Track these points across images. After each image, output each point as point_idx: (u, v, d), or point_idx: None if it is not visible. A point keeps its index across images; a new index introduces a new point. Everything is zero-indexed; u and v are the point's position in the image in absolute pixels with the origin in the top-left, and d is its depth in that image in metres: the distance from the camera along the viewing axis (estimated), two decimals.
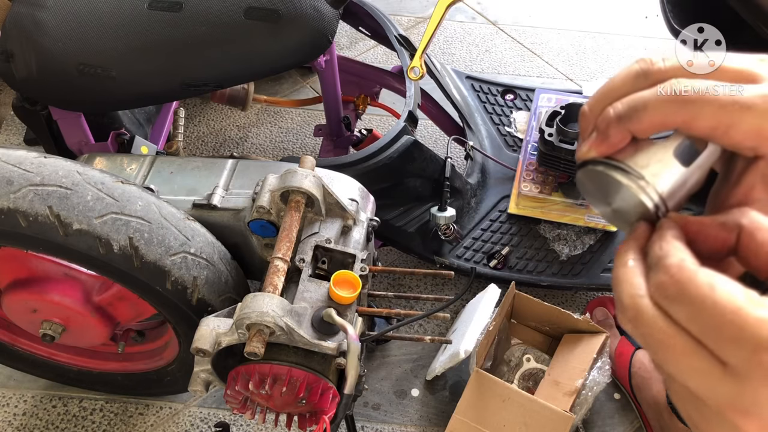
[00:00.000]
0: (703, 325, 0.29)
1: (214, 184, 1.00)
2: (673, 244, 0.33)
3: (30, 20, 1.05)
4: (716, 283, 0.29)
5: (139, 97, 1.12)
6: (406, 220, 1.29)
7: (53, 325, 1.03)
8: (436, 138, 1.74)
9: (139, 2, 1.06)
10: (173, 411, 1.31)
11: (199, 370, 0.87)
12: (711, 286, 0.29)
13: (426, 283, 1.50)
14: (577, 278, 1.33)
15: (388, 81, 1.55)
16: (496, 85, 1.59)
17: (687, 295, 0.30)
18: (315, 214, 0.93)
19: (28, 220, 0.82)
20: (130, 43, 1.05)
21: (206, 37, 1.05)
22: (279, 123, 1.79)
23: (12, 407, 1.31)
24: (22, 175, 0.84)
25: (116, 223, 0.85)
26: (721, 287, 0.29)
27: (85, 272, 1.00)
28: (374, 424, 1.30)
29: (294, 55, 1.12)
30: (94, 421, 1.29)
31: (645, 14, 2.12)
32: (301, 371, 0.82)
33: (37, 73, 1.04)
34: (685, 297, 0.30)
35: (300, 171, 0.90)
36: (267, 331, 0.78)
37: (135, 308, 1.03)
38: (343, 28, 1.72)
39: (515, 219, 1.39)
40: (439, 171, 1.30)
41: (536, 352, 1.29)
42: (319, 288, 0.85)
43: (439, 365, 1.28)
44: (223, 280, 0.94)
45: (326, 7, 1.11)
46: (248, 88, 1.54)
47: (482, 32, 2.05)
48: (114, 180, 0.89)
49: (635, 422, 1.30)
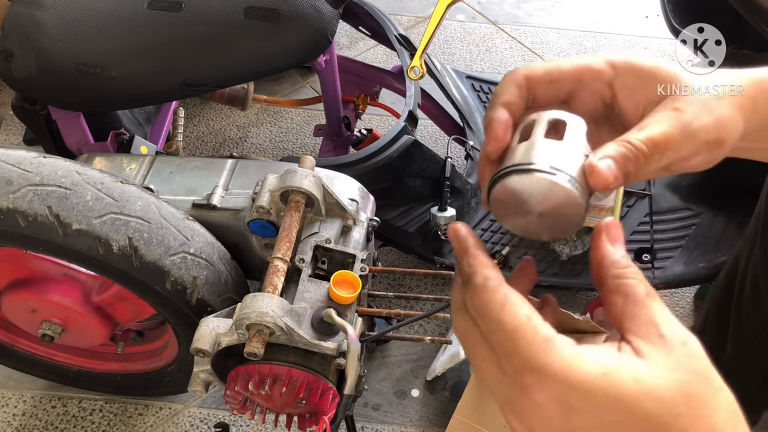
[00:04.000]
0: (493, 340, 0.35)
1: (214, 184, 1.00)
2: (478, 259, 0.38)
3: (29, 20, 1.04)
4: (507, 303, 0.35)
5: (139, 96, 1.12)
6: (406, 220, 1.29)
7: (52, 325, 1.03)
8: (436, 138, 1.74)
9: (139, 2, 1.06)
10: (173, 411, 1.31)
11: (198, 370, 0.87)
12: (502, 305, 0.35)
13: (426, 283, 1.50)
14: (577, 278, 1.33)
15: (388, 81, 1.55)
16: (496, 84, 1.58)
17: (485, 313, 0.35)
18: (315, 214, 0.93)
19: (28, 220, 0.82)
20: (129, 42, 1.05)
21: (206, 36, 1.05)
22: (279, 123, 1.79)
23: (11, 407, 1.30)
24: (21, 175, 0.84)
25: (116, 223, 0.85)
26: (510, 308, 0.34)
27: (84, 272, 1.00)
28: (374, 424, 1.30)
29: (294, 54, 1.12)
30: (93, 422, 1.29)
31: (645, 14, 2.12)
32: (300, 371, 0.82)
33: (37, 72, 1.03)
34: (484, 314, 0.35)
35: (300, 171, 0.89)
36: (267, 331, 0.78)
37: (134, 308, 1.03)
38: (343, 27, 1.72)
39: None
40: (439, 171, 1.30)
41: None
42: (319, 288, 0.85)
43: (439, 365, 1.28)
44: (223, 280, 0.94)
45: (326, 7, 1.11)
46: (248, 88, 1.54)
47: (482, 32, 2.04)
48: (113, 180, 0.88)
49: None
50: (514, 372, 0.33)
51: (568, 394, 0.32)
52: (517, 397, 0.34)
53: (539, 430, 0.33)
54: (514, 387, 0.34)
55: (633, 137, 0.38)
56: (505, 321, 0.34)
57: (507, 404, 0.35)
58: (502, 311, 0.34)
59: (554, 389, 0.32)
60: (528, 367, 0.33)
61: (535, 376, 0.33)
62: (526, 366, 0.33)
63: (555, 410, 0.32)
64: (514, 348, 0.33)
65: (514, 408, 0.34)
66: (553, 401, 0.32)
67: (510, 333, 0.34)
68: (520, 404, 0.34)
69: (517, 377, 0.33)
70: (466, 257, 0.38)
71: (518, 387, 0.33)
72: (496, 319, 0.34)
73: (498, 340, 0.34)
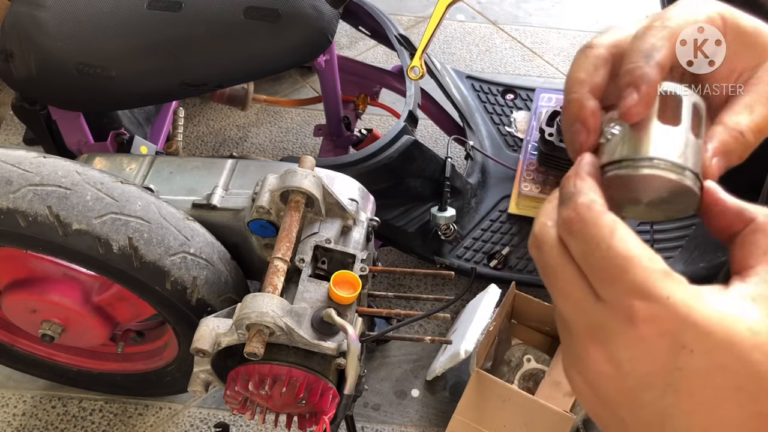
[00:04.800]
0: (592, 262, 0.31)
1: (214, 184, 1.00)
2: (588, 183, 0.34)
3: (29, 20, 1.04)
4: (617, 230, 0.31)
5: (139, 96, 1.12)
6: (406, 220, 1.29)
7: (53, 325, 1.03)
8: (436, 138, 1.74)
9: (139, 2, 1.06)
10: (173, 411, 1.31)
11: (198, 370, 0.87)
12: (611, 231, 0.31)
13: (426, 283, 1.50)
14: None
15: (388, 81, 1.55)
16: (497, 84, 1.59)
17: (586, 234, 0.32)
18: (315, 214, 0.93)
19: (28, 220, 0.82)
20: (129, 42, 1.05)
21: (206, 36, 1.05)
22: (279, 123, 1.79)
23: (11, 407, 1.30)
24: (21, 175, 0.84)
25: (116, 223, 0.84)
26: (622, 235, 0.31)
27: (84, 272, 1.00)
28: (374, 424, 1.30)
29: (294, 54, 1.12)
30: (93, 422, 1.29)
31: (645, 14, 2.11)
32: (300, 372, 0.82)
33: (37, 72, 1.03)
34: (585, 235, 0.32)
35: (300, 171, 0.89)
36: (267, 331, 0.78)
37: (134, 308, 1.03)
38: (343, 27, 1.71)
39: (515, 219, 1.39)
40: (439, 171, 1.30)
41: (536, 353, 1.29)
42: (319, 288, 0.85)
43: (439, 366, 1.28)
44: (223, 280, 0.94)
45: (326, 7, 1.11)
46: (248, 88, 1.54)
47: (482, 32, 2.04)
48: (113, 180, 0.88)
49: None
50: (617, 299, 0.30)
51: (683, 332, 0.29)
52: (613, 325, 0.31)
53: (633, 364, 0.30)
54: (612, 315, 0.31)
55: (743, 124, 0.35)
56: (615, 246, 0.31)
57: (591, 332, 0.32)
58: (612, 236, 0.31)
59: (669, 324, 0.29)
60: (641, 295, 0.30)
61: (649, 306, 0.30)
62: (637, 294, 0.30)
63: (663, 346, 0.30)
64: (621, 274, 0.30)
65: (604, 337, 0.31)
66: (664, 336, 0.30)
67: (620, 258, 0.30)
68: (616, 334, 0.30)
69: (620, 305, 0.30)
70: (575, 178, 0.34)
71: (621, 315, 0.30)
72: (602, 242, 0.31)
73: (600, 264, 0.31)
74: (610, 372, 0.31)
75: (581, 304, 0.32)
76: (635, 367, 0.30)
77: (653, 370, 0.30)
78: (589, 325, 0.32)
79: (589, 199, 0.33)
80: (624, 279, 0.30)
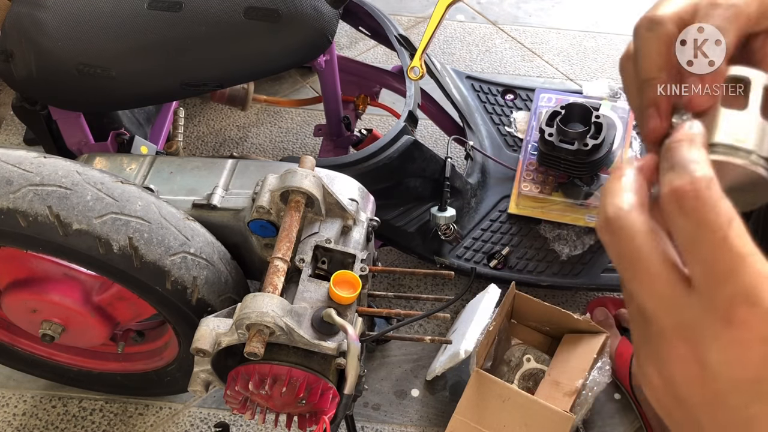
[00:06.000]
0: (701, 251, 0.28)
1: (214, 184, 1.00)
2: (705, 156, 0.30)
3: (29, 20, 1.04)
4: (735, 220, 0.28)
5: (139, 97, 1.12)
6: (406, 220, 1.29)
7: (53, 325, 1.03)
8: (436, 138, 1.74)
9: (139, 2, 1.06)
10: (173, 411, 1.31)
11: (198, 370, 0.87)
12: (730, 220, 0.28)
13: (426, 283, 1.50)
14: (577, 278, 1.33)
15: (388, 81, 1.55)
16: (496, 85, 1.59)
17: (702, 216, 0.28)
18: (315, 214, 0.93)
19: (28, 220, 0.82)
20: (129, 43, 1.05)
21: (206, 37, 1.05)
22: (279, 123, 1.79)
23: (11, 407, 1.31)
24: (21, 175, 0.84)
25: (116, 223, 0.85)
26: (738, 228, 0.28)
27: (84, 272, 1.00)
28: (374, 424, 1.30)
29: (294, 55, 1.12)
30: (93, 422, 1.29)
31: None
32: (301, 371, 0.82)
33: (37, 73, 1.03)
34: (700, 217, 0.28)
35: (300, 171, 0.90)
36: (267, 331, 0.78)
37: (135, 308, 1.03)
38: (343, 27, 1.71)
39: (515, 219, 1.39)
40: (439, 171, 1.30)
41: (536, 352, 1.29)
42: (319, 288, 0.85)
43: (439, 365, 1.28)
44: (223, 280, 0.94)
45: (326, 7, 1.11)
46: (248, 88, 1.54)
47: (482, 32, 2.04)
48: (114, 180, 0.88)
49: (635, 422, 1.30)
50: (719, 298, 0.28)
51: None
52: (708, 324, 0.29)
53: (724, 367, 0.29)
54: (709, 313, 0.29)
55: None
56: (731, 238, 0.28)
57: (680, 329, 0.29)
58: (730, 227, 0.28)
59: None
60: (746, 299, 0.28)
61: (753, 312, 0.28)
62: (742, 297, 0.28)
63: (759, 353, 0.28)
64: (732, 272, 0.28)
65: (695, 336, 0.29)
66: (763, 344, 0.28)
67: (733, 254, 0.28)
68: (711, 334, 0.29)
69: (721, 304, 0.28)
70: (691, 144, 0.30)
71: (719, 315, 0.28)
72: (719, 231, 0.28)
73: (710, 254, 0.28)
74: (695, 373, 0.30)
75: (671, 298, 0.30)
76: (726, 370, 0.29)
77: (745, 376, 0.29)
78: (678, 321, 0.30)
79: (710, 175, 0.29)
80: (734, 279, 0.28)
